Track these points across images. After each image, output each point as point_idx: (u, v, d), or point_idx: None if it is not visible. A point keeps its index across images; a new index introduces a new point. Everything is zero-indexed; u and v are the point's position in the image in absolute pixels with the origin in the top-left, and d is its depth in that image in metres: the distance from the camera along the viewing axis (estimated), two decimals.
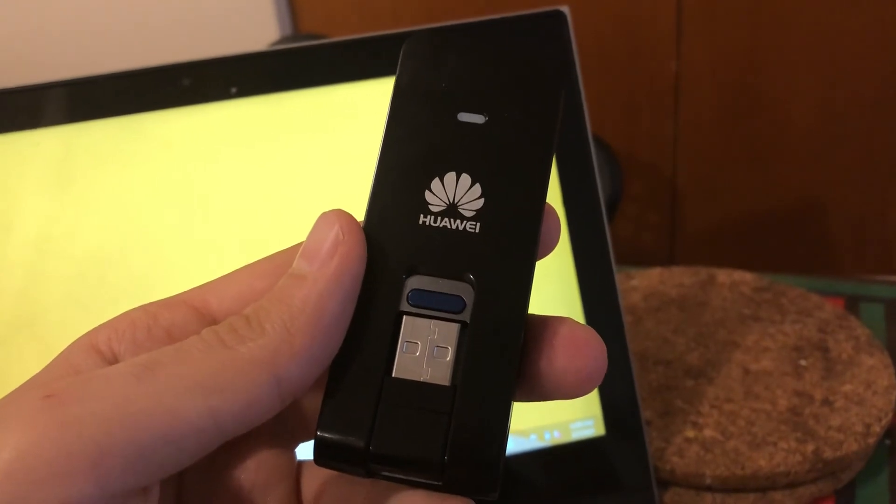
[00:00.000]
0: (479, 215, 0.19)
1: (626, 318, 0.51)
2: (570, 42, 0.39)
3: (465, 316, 0.18)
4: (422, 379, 0.18)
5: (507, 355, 0.18)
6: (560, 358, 0.18)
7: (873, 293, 0.56)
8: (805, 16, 0.96)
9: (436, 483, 0.18)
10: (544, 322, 0.19)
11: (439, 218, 0.19)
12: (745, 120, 1.04)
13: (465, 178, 0.19)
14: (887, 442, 0.45)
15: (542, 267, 0.41)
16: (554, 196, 0.39)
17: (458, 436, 0.18)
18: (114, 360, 0.19)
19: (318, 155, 0.38)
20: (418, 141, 0.19)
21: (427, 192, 0.19)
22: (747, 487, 0.41)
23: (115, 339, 0.19)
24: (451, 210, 0.19)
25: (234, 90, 0.37)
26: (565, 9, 0.39)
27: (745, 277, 0.55)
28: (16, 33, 1.17)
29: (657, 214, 1.13)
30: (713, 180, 1.09)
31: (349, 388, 0.18)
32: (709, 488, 0.41)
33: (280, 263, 0.20)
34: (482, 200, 0.19)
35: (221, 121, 0.37)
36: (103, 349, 0.19)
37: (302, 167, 0.38)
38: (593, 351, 0.19)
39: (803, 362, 0.47)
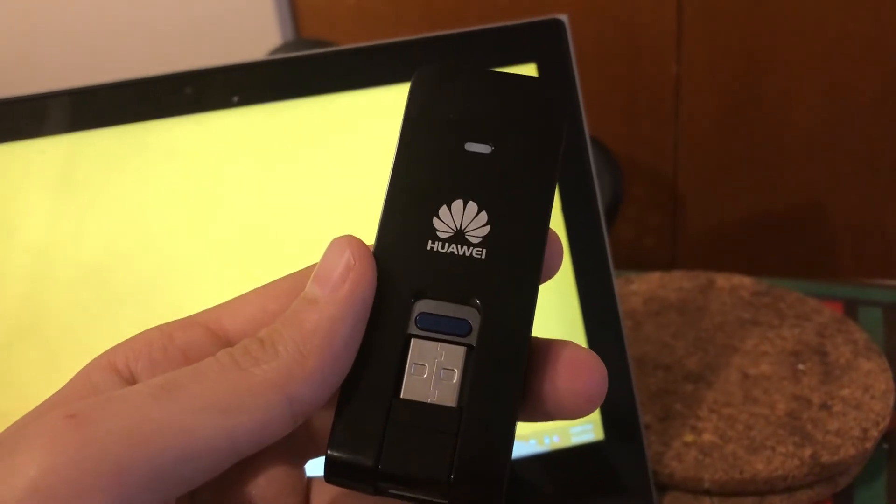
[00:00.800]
0: (485, 242, 0.20)
1: (626, 323, 0.51)
2: (569, 50, 0.39)
3: (472, 339, 0.19)
4: (429, 400, 0.19)
5: (511, 378, 0.19)
6: (562, 380, 0.19)
7: (872, 297, 0.56)
8: (805, 20, 0.96)
9: (442, 501, 0.19)
10: (548, 345, 0.20)
11: (447, 244, 0.20)
12: (746, 123, 1.04)
13: (472, 206, 0.20)
14: (885, 446, 0.45)
15: None
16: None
17: (464, 456, 0.18)
18: (131, 378, 0.19)
19: (320, 163, 0.38)
20: (427, 170, 0.20)
21: (435, 219, 0.20)
22: (745, 492, 0.41)
23: (133, 358, 0.19)
24: (458, 236, 0.20)
25: (235, 99, 0.37)
26: (564, 17, 0.39)
27: (744, 282, 0.55)
28: (19, 42, 1.18)
29: (658, 217, 1.13)
30: (714, 183, 1.09)
31: (359, 409, 0.19)
32: (707, 492, 0.41)
33: (291, 286, 0.20)
34: (488, 227, 0.20)
35: (223, 129, 0.38)
36: (121, 368, 0.19)
37: (304, 175, 0.38)
38: (594, 373, 0.19)
39: (802, 367, 0.47)
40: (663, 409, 0.45)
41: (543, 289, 0.21)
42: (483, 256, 0.20)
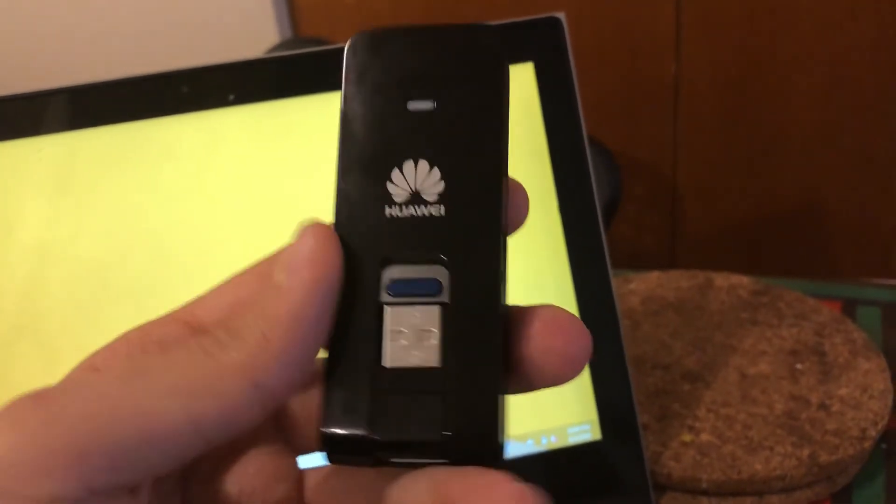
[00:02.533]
0: (441, 198, 0.19)
1: (624, 322, 0.51)
2: (567, 48, 0.39)
3: (445, 297, 0.19)
4: (413, 364, 0.19)
5: (489, 325, 0.19)
6: (539, 338, 0.19)
7: (870, 296, 0.56)
8: (804, 19, 0.96)
9: (442, 461, 0.18)
10: (529, 309, 0.20)
11: (404, 207, 0.20)
12: (744, 122, 1.04)
13: (424, 165, 0.20)
14: (883, 446, 0.45)
15: (537, 271, 0.41)
16: (550, 200, 0.39)
17: (455, 411, 0.18)
18: None
19: (317, 161, 0.38)
20: (372, 134, 0.20)
21: (389, 184, 0.20)
22: (744, 492, 0.41)
23: (111, 356, 0.20)
24: (415, 197, 0.20)
25: (232, 97, 0.37)
26: (561, 15, 0.39)
27: (743, 281, 0.55)
28: (16, 41, 1.17)
29: (657, 217, 1.13)
30: (712, 183, 1.09)
31: (345, 384, 0.19)
32: (705, 492, 0.41)
33: (263, 271, 0.20)
34: (443, 184, 0.20)
35: (220, 127, 0.38)
36: (100, 367, 0.20)
37: (301, 173, 0.38)
38: (574, 333, 0.19)
39: (800, 366, 0.47)
40: (661, 408, 0.45)
41: (540, 286, 0.21)
42: (442, 213, 0.19)
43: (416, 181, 0.20)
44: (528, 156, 0.39)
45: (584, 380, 0.40)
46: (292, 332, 0.18)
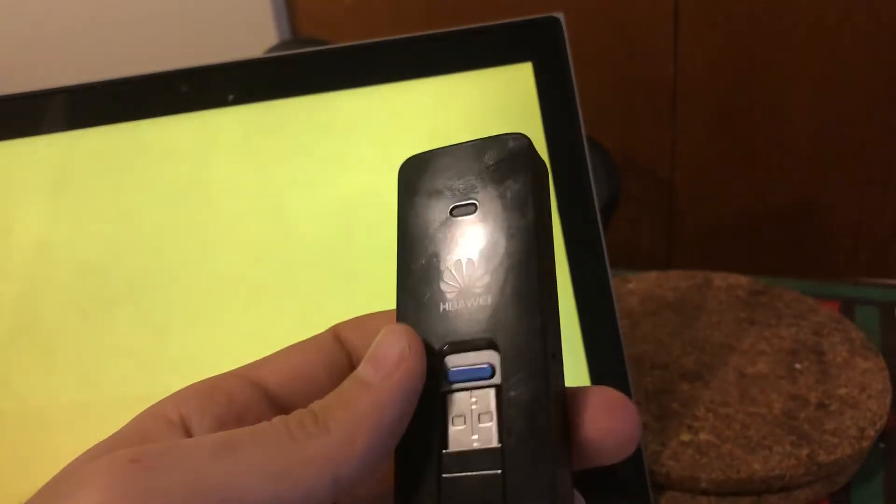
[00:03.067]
0: (487, 289, 0.21)
1: (623, 322, 0.51)
2: (566, 49, 0.39)
3: (497, 380, 0.21)
4: (473, 447, 0.20)
5: (540, 402, 0.20)
6: (602, 421, 0.20)
7: (868, 296, 0.56)
8: (802, 20, 0.96)
9: None
10: (583, 391, 0.21)
11: (456, 302, 0.21)
12: (743, 123, 1.04)
13: (470, 263, 0.22)
14: (882, 445, 0.45)
15: None
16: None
17: (513, 487, 0.19)
18: (181, 423, 0.21)
19: (316, 161, 0.38)
20: (424, 241, 0.22)
21: (441, 283, 0.22)
22: (742, 491, 0.41)
23: (182, 404, 0.21)
24: (464, 292, 0.22)
25: (231, 97, 0.37)
26: (560, 15, 0.39)
27: (741, 281, 0.55)
28: (13, 40, 1.17)
29: (655, 217, 1.13)
30: (711, 183, 1.09)
31: (414, 470, 0.20)
32: (704, 492, 0.41)
33: (322, 345, 0.22)
34: (487, 277, 0.21)
35: (219, 127, 0.37)
36: (172, 416, 0.21)
37: (300, 173, 0.38)
38: (629, 413, 0.21)
39: (798, 366, 0.47)
40: (660, 408, 0.45)
41: None
42: (489, 302, 0.21)
43: (464, 278, 0.22)
44: None
45: (583, 379, 0.40)
46: (377, 432, 0.19)
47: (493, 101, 0.39)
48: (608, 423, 0.20)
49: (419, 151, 0.23)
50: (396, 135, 0.38)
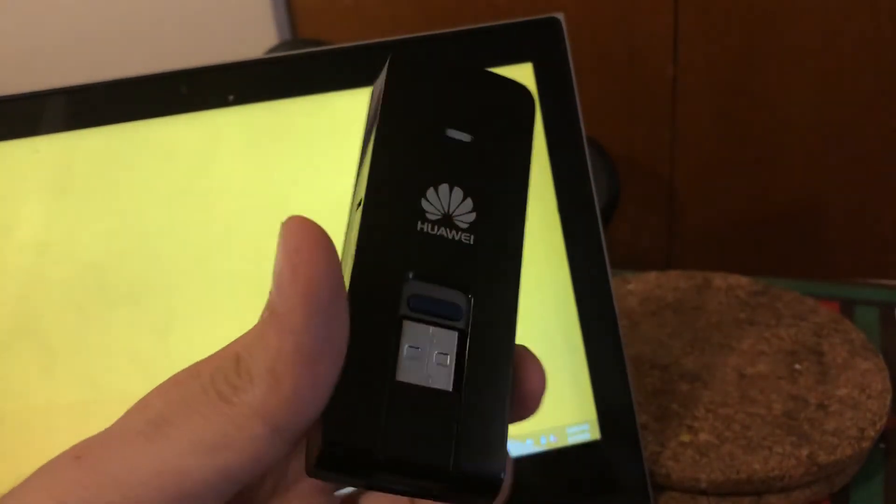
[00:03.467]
0: (472, 228, 0.20)
1: (623, 323, 0.51)
2: (566, 49, 0.39)
3: (462, 324, 0.19)
4: (426, 384, 0.18)
5: (503, 361, 0.19)
6: (530, 384, 0.20)
7: (868, 297, 0.56)
8: (801, 20, 0.96)
9: (440, 488, 0.18)
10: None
11: (436, 226, 0.20)
12: (742, 124, 1.04)
13: (458, 192, 0.20)
14: (882, 446, 0.45)
15: (536, 272, 0.41)
16: (549, 200, 0.40)
17: (465, 443, 0.18)
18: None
19: (316, 161, 0.38)
20: (412, 152, 0.20)
21: (423, 201, 0.20)
22: (742, 491, 0.41)
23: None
24: (447, 220, 0.20)
25: (231, 97, 0.37)
26: (560, 16, 0.39)
27: (741, 281, 0.55)
28: (14, 40, 1.17)
29: (655, 217, 1.13)
30: (710, 183, 1.09)
31: (355, 393, 0.18)
32: (704, 492, 0.41)
33: None
34: (474, 214, 0.20)
35: (219, 128, 0.38)
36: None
37: (300, 174, 0.38)
38: (543, 373, 0.20)
39: (798, 366, 0.47)
40: (660, 408, 0.45)
41: (538, 287, 0.22)
42: (472, 242, 0.20)
43: (450, 205, 0.20)
44: None
45: (583, 380, 0.40)
46: (299, 365, 0.17)
47: None
48: (534, 386, 0.20)
49: (417, 53, 0.22)
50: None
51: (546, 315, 0.39)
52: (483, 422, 0.18)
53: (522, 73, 0.39)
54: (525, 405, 0.20)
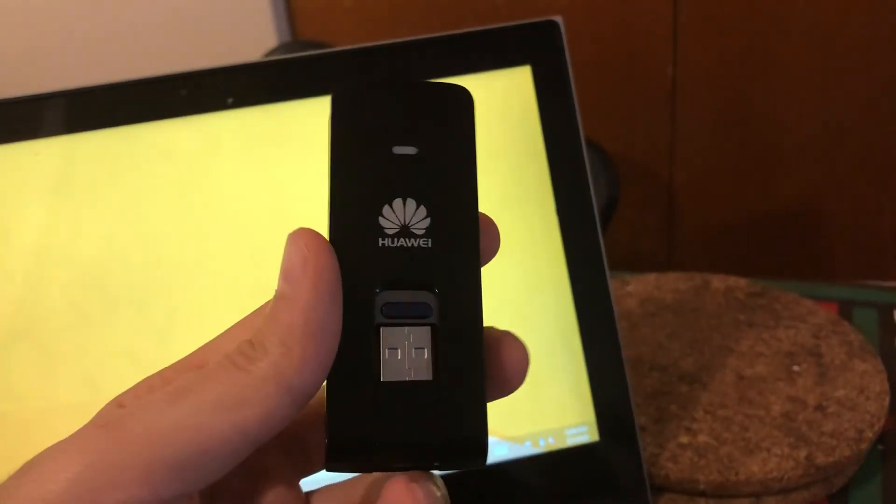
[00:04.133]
0: (428, 232, 0.22)
1: (622, 324, 0.51)
2: (564, 52, 0.39)
3: (433, 319, 0.22)
4: (407, 378, 0.21)
5: (473, 343, 0.22)
6: (511, 359, 0.22)
7: (867, 298, 0.57)
8: (801, 22, 0.97)
9: (435, 460, 0.21)
10: (493, 332, 0.23)
11: (395, 239, 0.22)
12: (741, 125, 1.04)
13: (411, 203, 0.22)
14: (880, 447, 0.45)
15: (535, 274, 0.41)
16: (547, 202, 0.40)
17: (446, 417, 0.21)
18: None
19: (315, 164, 0.38)
20: (364, 174, 0.23)
21: (381, 218, 0.22)
22: (741, 493, 0.41)
23: (135, 398, 0.22)
24: (405, 231, 0.22)
25: (230, 100, 0.37)
26: (559, 19, 0.39)
27: (740, 283, 0.55)
28: (14, 44, 1.17)
29: (654, 219, 1.13)
30: (709, 185, 1.09)
31: (347, 398, 0.21)
32: (702, 494, 0.41)
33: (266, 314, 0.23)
34: (429, 220, 0.22)
35: (219, 131, 0.38)
36: (126, 404, 0.22)
37: (299, 176, 0.38)
38: (525, 350, 0.23)
39: (797, 368, 0.48)
40: (658, 410, 0.45)
41: (537, 289, 0.23)
42: (430, 245, 0.22)
43: (406, 217, 0.22)
44: (525, 158, 0.40)
45: (581, 382, 0.40)
46: (309, 335, 0.20)
47: (493, 104, 0.39)
48: (516, 360, 0.22)
49: (354, 83, 0.23)
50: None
51: (545, 317, 0.39)
52: (462, 398, 0.21)
53: (521, 76, 0.39)
54: (508, 380, 0.22)
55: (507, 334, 0.23)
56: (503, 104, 0.39)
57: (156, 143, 0.37)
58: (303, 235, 0.21)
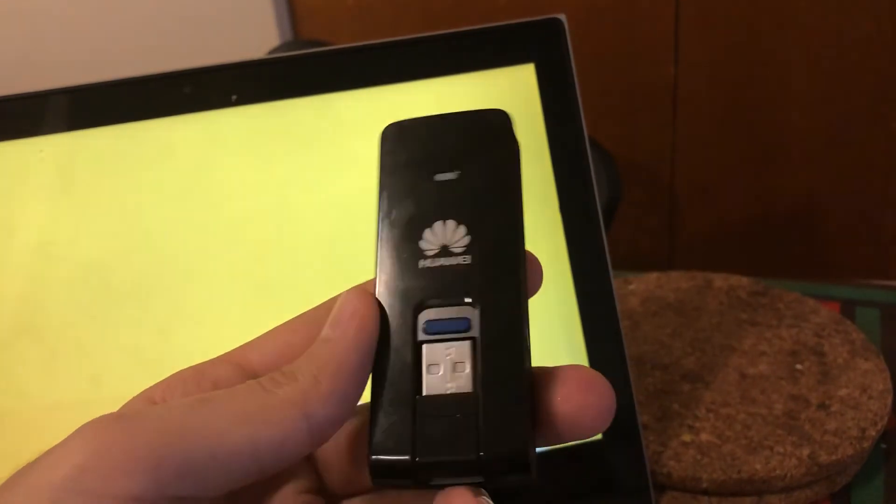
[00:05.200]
0: (468, 249, 0.23)
1: (624, 323, 0.51)
2: (568, 50, 0.39)
3: (474, 332, 0.22)
4: (447, 392, 0.21)
5: (515, 355, 0.21)
6: (576, 397, 0.21)
7: (869, 297, 0.57)
8: (802, 21, 0.97)
9: (476, 475, 0.21)
10: (557, 369, 0.22)
11: (436, 259, 0.23)
12: (743, 124, 1.04)
13: (451, 223, 0.23)
14: (883, 446, 0.45)
15: None
16: (550, 201, 0.40)
17: (487, 431, 0.21)
18: None
19: (319, 161, 0.38)
20: (407, 202, 0.24)
21: (421, 241, 0.23)
22: (743, 491, 0.41)
23: (168, 392, 0.22)
24: (444, 251, 0.23)
25: (234, 98, 0.37)
26: (562, 17, 0.39)
27: (742, 282, 0.55)
28: (17, 41, 1.18)
29: (656, 218, 1.13)
30: (711, 184, 1.09)
31: (390, 413, 0.21)
32: (705, 492, 0.41)
33: (311, 319, 0.23)
34: (468, 237, 0.23)
35: (222, 128, 0.38)
36: (158, 400, 0.22)
37: (303, 174, 0.38)
38: (604, 388, 0.22)
39: (799, 367, 0.47)
40: (661, 408, 0.45)
41: (542, 290, 0.23)
42: (469, 261, 0.22)
43: (446, 237, 0.23)
44: (528, 157, 0.40)
45: None
46: (339, 375, 0.21)
47: (495, 103, 0.39)
48: (583, 398, 0.21)
49: (401, 120, 0.24)
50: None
51: (548, 315, 0.39)
52: (504, 411, 0.21)
53: (524, 74, 0.39)
54: (578, 421, 0.21)
55: (579, 370, 0.22)
56: (506, 103, 0.39)
57: (159, 139, 0.37)
58: (357, 293, 0.22)
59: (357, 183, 0.38)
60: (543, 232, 0.40)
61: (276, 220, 0.38)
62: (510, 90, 0.39)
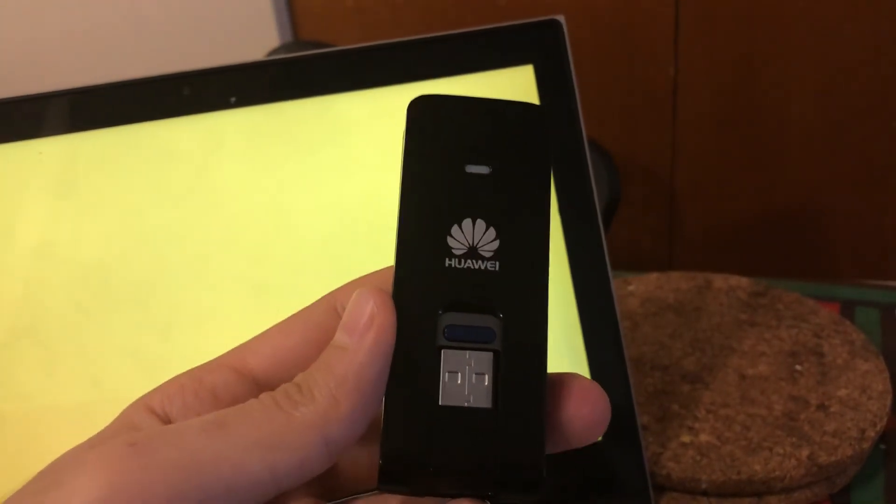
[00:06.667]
0: (497, 255, 0.22)
1: (624, 324, 0.51)
2: (566, 51, 0.39)
3: (496, 345, 0.21)
4: (466, 404, 0.21)
5: (536, 374, 0.21)
6: (573, 408, 0.21)
7: (869, 298, 0.57)
8: (802, 21, 0.97)
9: (487, 491, 0.20)
10: (557, 378, 0.22)
11: (463, 260, 0.21)
12: (743, 125, 1.04)
13: (481, 224, 0.22)
14: (882, 447, 0.45)
15: None
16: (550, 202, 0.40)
17: (503, 448, 0.20)
18: (167, 419, 0.21)
19: (318, 163, 0.38)
20: (435, 192, 0.22)
21: (449, 238, 0.22)
22: (743, 492, 0.41)
23: (167, 401, 0.21)
24: (472, 252, 0.22)
25: (233, 99, 0.37)
26: (561, 18, 0.39)
27: (742, 282, 0.55)
28: (17, 42, 1.18)
29: (656, 218, 1.13)
30: (711, 185, 1.09)
31: (404, 419, 0.20)
32: (705, 493, 0.41)
33: (306, 319, 0.23)
34: (497, 242, 0.22)
35: (221, 130, 0.38)
36: (157, 410, 0.21)
37: (302, 176, 0.38)
38: (600, 400, 0.22)
39: (799, 367, 0.48)
40: (661, 409, 0.45)
41: None
42: (497, 269, 0.21)
43: (475, 238, 0.22)
44: None
45: None
46: (357, 392, 0.20)
47: None
48: (577, 409, 0.21)
49: (432, 94, 0.23)
50: (398, 137, 0.38)
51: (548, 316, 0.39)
52: (519, 429, 0.20)
53: (523, 75, 0.39)
54: (574, 431, 0.21)
55: (579, 380, 0.22)
56: None
57: (158, 141, 0.37)
58: (374, 294, 0.21)
59: (357, 184, 0.38)
60: None
61: (275, 221, 0.38)
62: (509, 91, 0.39)
